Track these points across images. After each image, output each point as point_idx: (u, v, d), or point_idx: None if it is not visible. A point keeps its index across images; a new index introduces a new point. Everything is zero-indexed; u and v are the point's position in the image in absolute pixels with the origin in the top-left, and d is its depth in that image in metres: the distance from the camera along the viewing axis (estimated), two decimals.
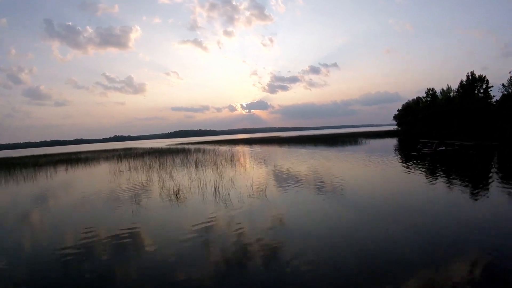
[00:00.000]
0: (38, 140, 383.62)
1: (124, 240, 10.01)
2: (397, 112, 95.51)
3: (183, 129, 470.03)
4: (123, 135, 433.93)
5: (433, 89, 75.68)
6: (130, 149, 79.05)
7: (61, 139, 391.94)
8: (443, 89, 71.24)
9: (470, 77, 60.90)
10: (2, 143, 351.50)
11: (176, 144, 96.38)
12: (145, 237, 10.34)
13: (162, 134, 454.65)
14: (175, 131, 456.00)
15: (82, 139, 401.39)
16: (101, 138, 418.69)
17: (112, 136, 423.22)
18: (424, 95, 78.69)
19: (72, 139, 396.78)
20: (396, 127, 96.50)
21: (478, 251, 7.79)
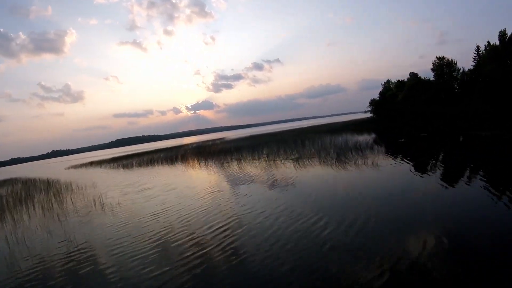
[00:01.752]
0: None
1: None
2: (376, 99, 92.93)
3: (126, 137, 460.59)
4: (62, 149, 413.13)
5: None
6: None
7: None
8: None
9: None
10: None
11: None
12: None
13: (103, 144, 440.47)
14: (117, 139, 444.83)
15: (19, 158, 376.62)
16: (38, 155, 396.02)
17: (50, 151, 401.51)
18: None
19: (7, 159, 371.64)
20: (372, 115, 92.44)
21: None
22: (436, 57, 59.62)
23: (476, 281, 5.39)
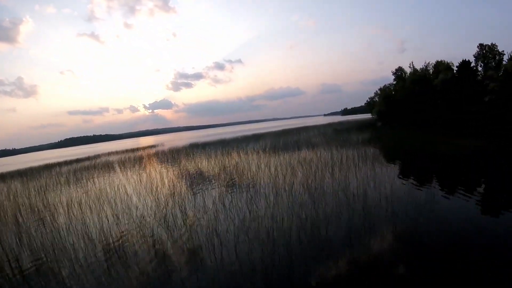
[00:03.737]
0: None
1: None
2: (375, 99, 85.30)
3: (76, 136, 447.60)
4: (8, 148, 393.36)
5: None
6: None
7: None
8: None
9: None
10: None
11: None
12: None
13: (52, 143, 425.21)
14: (66, 139, 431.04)
15: None
16: None
17: None
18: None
19: None
20: (374, 116, 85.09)
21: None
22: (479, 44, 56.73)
23: None
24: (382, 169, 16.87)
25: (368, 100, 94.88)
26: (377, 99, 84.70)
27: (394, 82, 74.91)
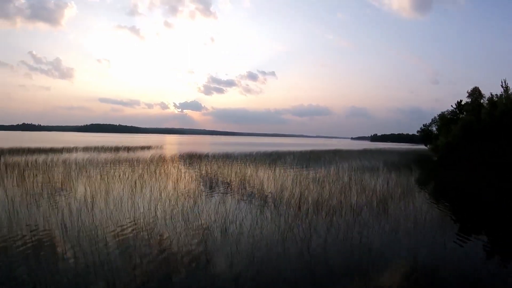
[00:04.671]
0: None
1: None
2: (432, 127, 68.83)
3: (101, 123, 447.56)
4: (33, 124, 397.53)
5: None
6: None
7: None
8: None
9: None
10: None
11: None
12: None
13: (77, 126, 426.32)
14: (92, 124, 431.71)
15: None
16: (7, 124, 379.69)
17: (21, 123, 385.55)
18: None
19: None
20: (428, 147, 69.42)
21: None
22: None
23: None
24: None
25: (422, 128, 77.09)
26: (435, 128, 66.86)
27: (457, 111, 57.73)
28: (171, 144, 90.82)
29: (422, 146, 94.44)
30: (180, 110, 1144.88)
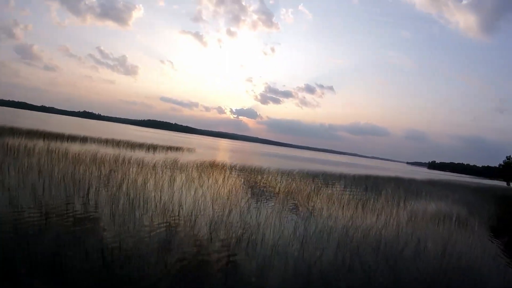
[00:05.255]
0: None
1: None
2: None
3: (158, 119, 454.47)
4: (93, 112, 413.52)
5: None
6: None
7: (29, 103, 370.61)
8: None
9: None
10: None
11: None
12: None
13: (135, 120, 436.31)
14: (149, 119, 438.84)
15: (52, 108, 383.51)
16: (70, 110, 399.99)
17: (82, 111, 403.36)
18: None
19: (39, 105, 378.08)
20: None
21: None
22: None
23: None
24: None
25: (505, 161, 68.09)
26: None
27: None
28: (224, 149, 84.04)
29: (497, 182, 79.63)
30: (235, 116, 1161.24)
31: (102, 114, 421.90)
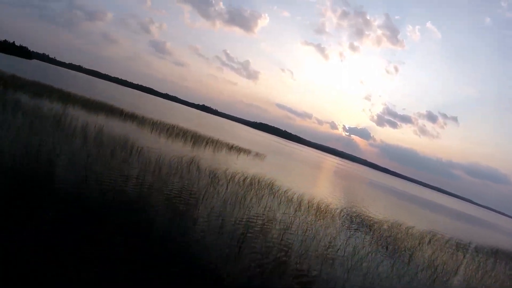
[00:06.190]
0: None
1: None
2: None
3: (269, 124, 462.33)
4: (211, 107, 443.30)
5: None
6: None
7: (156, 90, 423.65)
8: None
9: None
10: (128, 80, 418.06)
11: None
12: None
13: (247, 121, 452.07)
14: (260, 122, 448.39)
15: (175, 97, 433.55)
16: (191, 102, 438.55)
17: (201, 104, 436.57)
18: None
19: (163, 92, 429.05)
20: None
21: None
22: None
23: None
24: None
25: None
26: None
27: None
28: (332, 172, 69.91)
29: None
30: (347, 134, 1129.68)
31: (218, 110, 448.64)
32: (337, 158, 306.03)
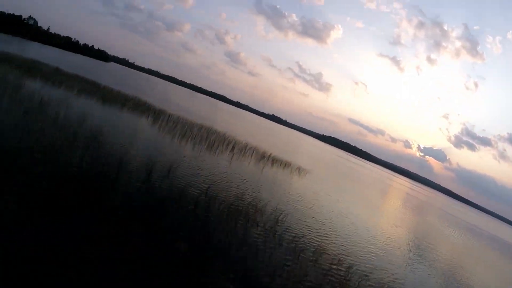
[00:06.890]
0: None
1: None
2: None
3: (338, 137, 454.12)
4: (281, 117, 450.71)
5: None
6: None
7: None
8: None
9: None
10: (203, 87, 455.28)
11: None
12: None
13: (315, 133, 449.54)
14: (329, 136, 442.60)
15: (246, 106, 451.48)
16: (260, 111, 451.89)
17: (270, 114, 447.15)
18: None
19: (234, 100, 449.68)
20: None
21: None
22: None
23: None
24: None
25: None
26: None
27: None
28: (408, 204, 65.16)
29: None
30: (422, 154, 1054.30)
31: (288, 121, 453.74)
32: (407, 179, 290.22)
